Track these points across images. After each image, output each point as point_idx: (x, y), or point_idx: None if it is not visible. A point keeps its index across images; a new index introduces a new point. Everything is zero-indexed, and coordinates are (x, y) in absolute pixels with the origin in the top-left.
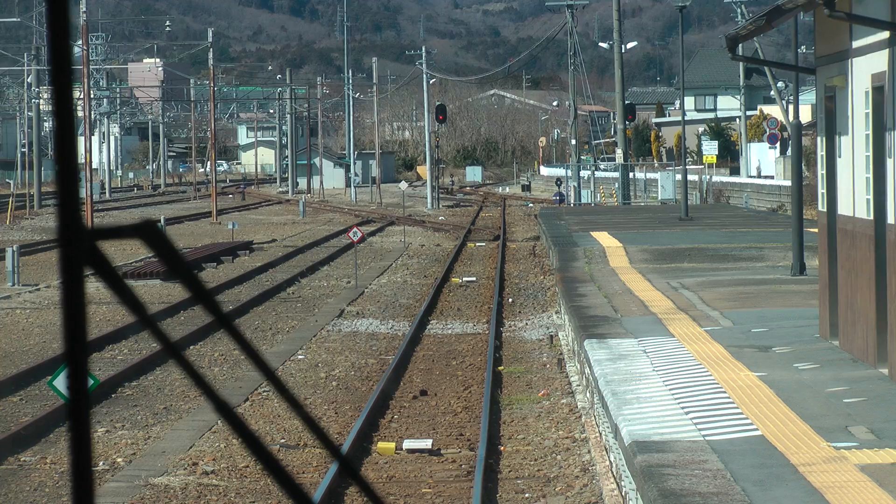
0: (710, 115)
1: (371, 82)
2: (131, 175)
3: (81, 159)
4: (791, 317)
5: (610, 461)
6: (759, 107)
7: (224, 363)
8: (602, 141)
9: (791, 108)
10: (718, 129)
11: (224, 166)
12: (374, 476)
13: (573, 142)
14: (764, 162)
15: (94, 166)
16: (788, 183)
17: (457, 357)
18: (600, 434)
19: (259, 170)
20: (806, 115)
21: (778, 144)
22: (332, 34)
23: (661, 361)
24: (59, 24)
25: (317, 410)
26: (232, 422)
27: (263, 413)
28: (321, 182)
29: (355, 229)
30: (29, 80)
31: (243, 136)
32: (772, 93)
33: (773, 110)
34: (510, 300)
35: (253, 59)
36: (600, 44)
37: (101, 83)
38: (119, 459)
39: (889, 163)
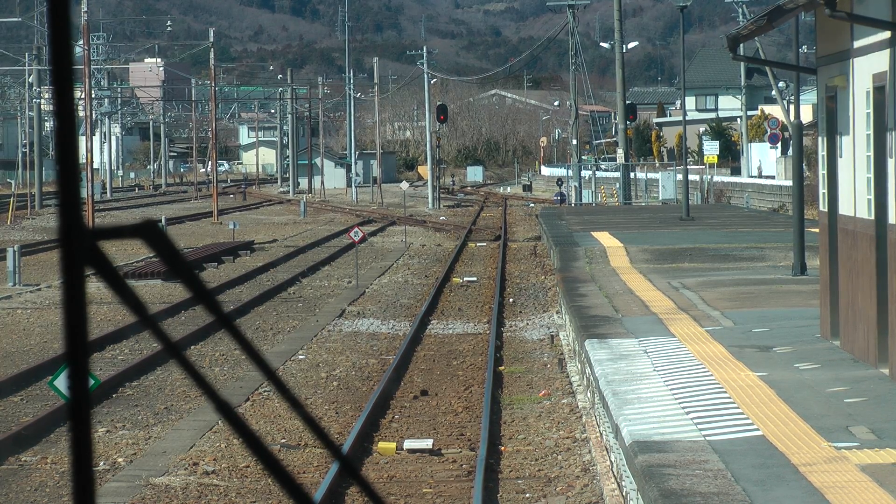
0: (712, 115)
1: (372, 82)
2: (132, 175)
3: (82, 159)
4: (792, 317)
5: (611, 461)
6: (760, 107)
7: (225, 363)
8: (603, 141)
9: (792, 107)
10: (719, 129)
11: (225, 166)
12: (374, 476)
13: (574, 142)
14: (765, 162)
15: (95, 166)
16: (789, 183)
17: (457, 357)
18: (601, 434)
19: (260, 170)
20: (807, 115)
21: (779, 144)
22: (333, 34)
23: (661, 361)
24: (60, 23)
25: (317, 410)
26: (233, 422)
27: (264, 413)
28: (322, 182)
29: (356, 229)
30: (30, 79)
31: (244, 136)
32: (773, 93)
33: (775, 110)
34: (511, 300)
35: (254, 59)
36: (601, 44)
37: (102, 83)
38: (120, 459)
39: (890, 163)
